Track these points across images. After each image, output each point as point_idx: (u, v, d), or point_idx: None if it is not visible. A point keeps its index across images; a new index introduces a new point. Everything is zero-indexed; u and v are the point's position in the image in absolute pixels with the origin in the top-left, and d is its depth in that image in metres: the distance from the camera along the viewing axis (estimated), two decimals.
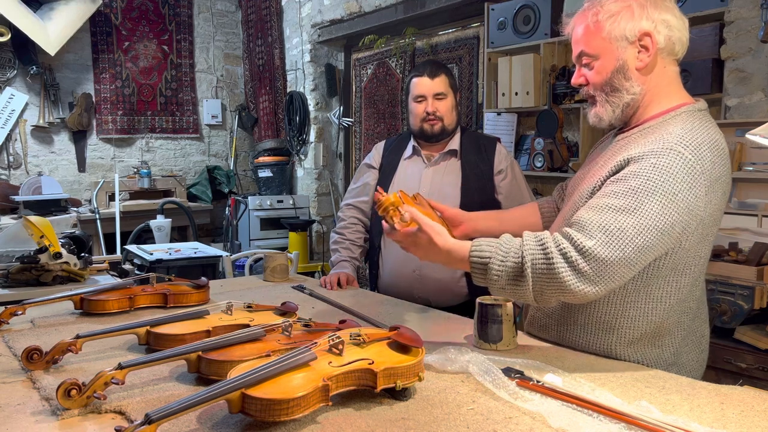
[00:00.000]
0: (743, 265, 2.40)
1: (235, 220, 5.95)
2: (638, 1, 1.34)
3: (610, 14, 1.35)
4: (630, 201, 1.24)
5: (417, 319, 1.77)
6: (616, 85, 1.37)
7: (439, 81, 2.22)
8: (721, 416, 1.10)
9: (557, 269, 1.23)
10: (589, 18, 1.38)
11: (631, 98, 1.38)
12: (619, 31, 1.34)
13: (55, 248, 2.27)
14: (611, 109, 1.39)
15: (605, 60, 1.37)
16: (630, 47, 1.35)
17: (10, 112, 5.75)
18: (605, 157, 1.43)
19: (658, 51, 1.35)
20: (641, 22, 1.33)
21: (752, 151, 2.93)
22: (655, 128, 1.35)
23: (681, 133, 1.29)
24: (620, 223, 1.23)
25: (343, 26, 5.53)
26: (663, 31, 1.34)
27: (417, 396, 1.18)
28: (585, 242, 1.22)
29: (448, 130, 2.26)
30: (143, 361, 1.16)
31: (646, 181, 1.24)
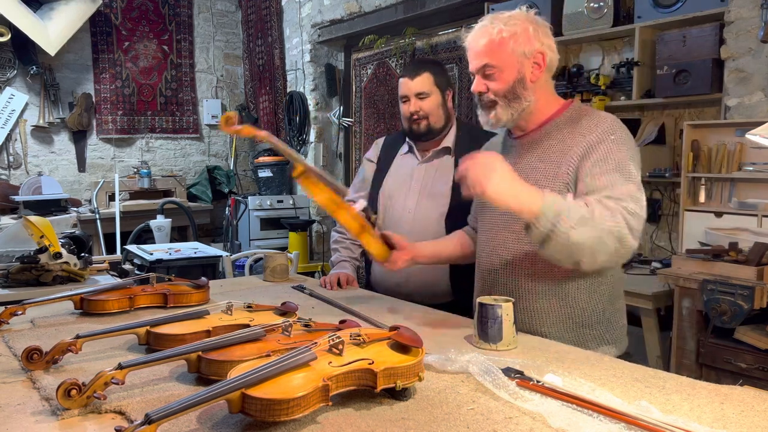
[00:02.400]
0: (743, 265, 2.40)
1: (235, 220, 5.95)
2: (533, 27, 1.60)
3: (513, 33, 1.58)
4: (622, 172, 1.51)
5: (417, 319, 1.77)
6: (518, 93, 1.61)
7: (420, 80, 2.21)
8: (721, 416, 1.10)
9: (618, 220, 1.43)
10: (494, 34, 1.59)
11: (528, 104, 1.63)
12: (521, 48, 1.58)
13: (55, 248, 2.27)
14: (511, 112, 1.62)
15: (508, 72, 1.59)
16: (527, 62, 1.59)
17: (10, 112, 5.76)
18: (537, 151, 1.64)
19: (546, 70, 1.63)
20: (536, 43, 1.59)
21: (752, 151, 2.93)
22: (574, 118, 1.62)
23: (606, 115, 1.62)
24: (630, 188, 1.49)
25: (343, 26, 5.53)
26: (549, 53, 1.62)
27: (417, 396, 1.18)
28: (627, 205, 1.45)
29: (435, 128, 2.24)
30: (143, 361, 1.15)
31: (619, 153, 1.53)
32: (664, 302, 2.91)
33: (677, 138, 3.45)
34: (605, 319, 1.66)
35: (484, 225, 1.77)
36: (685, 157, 3.11)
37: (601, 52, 3.79)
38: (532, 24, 1.60)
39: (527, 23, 1.60)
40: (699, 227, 2.99)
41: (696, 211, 3.10)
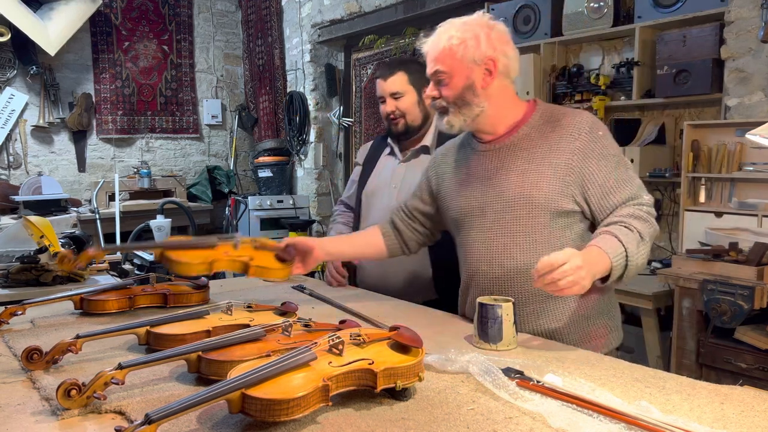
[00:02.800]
0: (743, 265, 2.40)
1: (235, 220, 5.95)
2: (485, 33, 1.59)
3: (462, 40, 1.58)
4: (622, 166, 1.59)
5: (417, 319, 1.77)
6: (467, 100, 1.61)
7: (393, 80, 2.22)
8: (721, 416, 1.10)
9: (652, 222, 1.54)
10: (445, 40, 1.60)
11: (480, 110, 1.62)
12: (470, 55, 1.58)
13: (55, 248, 2.27)
14: (462, 118, 1.63)
15: (457, 78, 1.60)
16: (477, 69, 1.59)
17: (10, 112, 5.76)
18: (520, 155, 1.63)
19: (500, 75, 1.61)
20: (488, 50, 1.58)
21: (752, 151, 2.93)
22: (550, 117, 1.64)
23: (581, 112, 1.65)
24: (635, 178, 1.59)
25: (343, 26, 5.53)
26: (502, 59, 1.60)
27: (417, 396, 1.18)
28: (646, 199, 1.56)
29: (413, 126, 2.25)
30: (143, 361, 1.16)
31: (612, 147, 1.59)
32: (664, 302, 2.91)
33: (677, 138, 3.45)
34: (606, 306, 1.68)
35: (474, 234, 1.69)
36: (685, 157, 3.11)
37: (601, 52, 3.79)
38: (486, 30, 1.60)
39: (480, 29, 1.59)
40: (699, 227, 2.99)
41: (696, 211, 3.10)
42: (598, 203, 1.58)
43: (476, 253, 1.69)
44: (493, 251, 1.65)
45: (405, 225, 1.91)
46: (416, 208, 1.90)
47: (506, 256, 1.63)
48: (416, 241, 1.93)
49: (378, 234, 1.93)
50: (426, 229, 1.91)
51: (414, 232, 1.91)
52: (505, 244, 1.63)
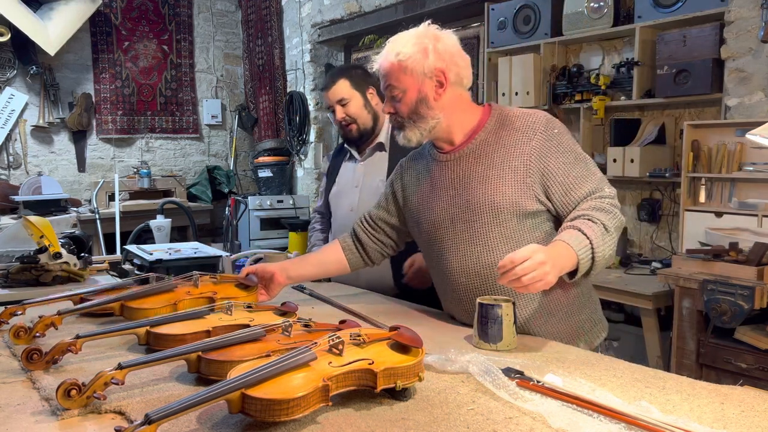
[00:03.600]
0: (743, 265, 2.40)
1: (235, 220, 5.95)
2: (432, 45, 1.59)
3: (409, 55, 1.58)
4: (581, 162, 1.59)
5: (417, 319, 1.77)
6: (422, 113, 1.61)
7: (336, 89, 2.29)
8: (721, 416, 1.10)
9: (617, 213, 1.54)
10: (393, 57, 1.60)
11: (436, 122, 1.62)
12: (419, 68, 1.58)
13: (55, 248, 2.27)
14: (419, 132, 1.63)
15: (410, 93, 1.60)
16: (428, 82, 1.59)
17: (10, 112, 5.76)
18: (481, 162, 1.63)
19: (452, 86, 1.61)
20: (435, 62, 1.58)
21: (752, 151, 2.93)
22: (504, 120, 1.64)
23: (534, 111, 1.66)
24: (595, 172, 1.60)
25: (343, 26, 5.53)
26: (453, 69, 1.60)
27: (417, 396, 1.18)
28: (610, 192, 1.57)
29: (366, 128, 2.31)
30: (143, 361, 1.16)
31: (567, 144, 1.59)
32: (664, 302, 2.91)
33: (677, 138, 3.45)
34: (587, 300, 1.69)
35: (448, 246, 1.67)
36: (685, 157, 3.11)
37: (602, 52, 3.80)
38: (433, 42, 1.60)
39: (428, 41, 1.59)
40: (699, 227, 2.99)
41: (696, 211, 3.10)
42: (561, 200, 1.58)
43: (453, 267, 1.66)
44: (469, 262, 1.63)
45: (368, 236, 1.90)
46: (381, 218, 1.88)
47: (481, 265, 1.61)
48: (379, 252, 1.91)
49: (338, 250, 1.92)
50: (390, 239, 1.90)
51: (377, 243, 1.90)
52: (479, 252, 1.61)
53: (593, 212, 1.51)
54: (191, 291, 1.69)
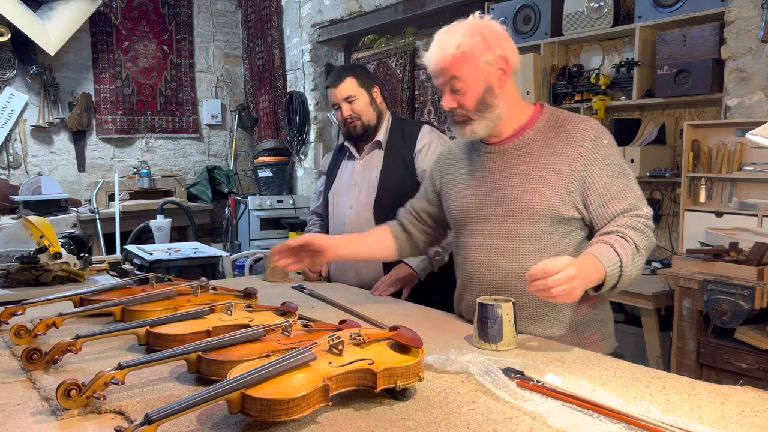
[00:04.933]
0: (743, 265, 2.40)
1: (235, 220, 5.95)
2: (490, 32, 1.58)
3: (471, 45, 1.56)
4: (624, 175, 1.58)
5: (417, 319, 1.77)
6: (488, 102, 1.59)
7: (344, 86, 2.34)
8: (721, 416, 1.10)
9: (650, 234, 1.54)
10: (453, 48, 1.56)
11: (501, 112, 1.61)
12: (482, 57, 1.56)
13: (55, 248, 2.27)
14: (486, 123, 1.61)
15: (475, 83, 1.57)
16: (492, 71, 1.58)
17: (10, 112, 5.75)
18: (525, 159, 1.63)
19: (511, 75, 1.61)
20: (496, 49, 1.57)
21: (752, 151, 2.93)
22: (556, 122, 1.64)
23: (587, 119, 1.65)
24: (635, 189, 1.59)
25: (343, 26, 5.53)
26: (511, 56, 1.60)
27: (417, 396, 1.18)
28: (646, 212, 1.56)
29: (370, 125, 2.37)
30: (143, 361, 1.15)
31: (614, 156, 1.59)
32: (664, 302, 2.91)
33: (677, 138, 3.45)
34: (600, 314, 1.68)
35: (475, 236, 1.68)
36: (685, 157, 3.11)
37: (602, 52, 3.79)
38: (489, 29, 1.59)
39: (483, 30, 1.58)
40: (699, 227, 2.99)
41: (696, 211, 3.10)
42: (597, 211, 1.57)
43: (475, 255, 1.68)
44: (493, 254, 1.64)
45: (414, 227, 1.92)
46: (423, 209, 1.90)
47: (505, 260, 1.62)
48: (425, 242, 1.94)
49: (389, 236, 1.92)
50: (433, 229, 1.92)
51: (423, 234, 1.92)
52: (505, 247, 1.62)
53: (627, 230, 1.50)
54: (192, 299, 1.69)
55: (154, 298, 1.66)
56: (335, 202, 2.45)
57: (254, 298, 1.76)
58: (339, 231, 2.37)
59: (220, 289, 1.81)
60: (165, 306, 1.62)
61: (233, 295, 1.77)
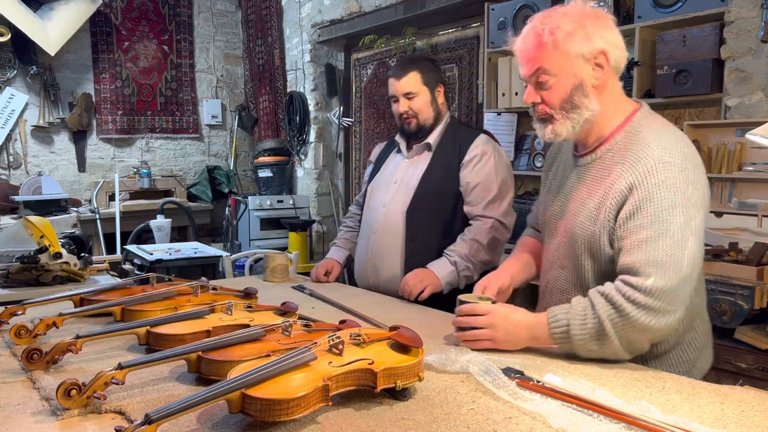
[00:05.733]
0: (743, 265, 2.40)
1: (235, 220, 5.95)
2: (591, 21, 1.37)
3: (567, 33, 1.36)
4: (658, 227, 1.29)
5: (417, 319, 1.77)
6: (576, 102, 1.40)
7: (407, 80, 2.21)
8: (721, 416, 1.10)
9: (632, 316, 1.28)
10: (545, 36, 1.38)
11: (591, 114, 1.41)
12: (577, 49, 1.37)
13: (55, 248, 2.27)
14: (571, 125, 1.42)
15: (564, 78, 1.39)
16: (586, 65, 1.38)
17: (10, 112, 5.75)
18: (587, 182, 1.46)
19: (610, 71, 1.40)
20: (596, 41, 1.37)
21: (752, 151, 2.93)
22: (627, 144, 1.40)
23: (659, 143, 1.36)
24: (663, 249, 1.28)
25: (343, 26, 5.53)
26: (613, 51, 1.39)
27: (417, 396, 1.18)
28: (645, 282, 1.27)
29: (425, 125, 2.26)
30: (143, 361, 1.16)
31: (660, 201, 1.30)
32: None
33: None
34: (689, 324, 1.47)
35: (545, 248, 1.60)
36: None
37: None
38: (590, 18, 1.37)
39: (584, 18, 1.37)
40: None
41: None
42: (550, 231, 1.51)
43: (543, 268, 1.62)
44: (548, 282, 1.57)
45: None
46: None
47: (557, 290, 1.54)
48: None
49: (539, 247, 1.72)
50: None
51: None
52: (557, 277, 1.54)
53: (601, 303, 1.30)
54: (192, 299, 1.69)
55: (154, 298, 1.66)
56: (371, 197, 2.36)
57: (254, 298, 1.76)
58: (368, 229, 2.30)
59: (220, 289, 1.81)
60: (165, 306, 1.62)
61: (233, 295, 1.76)
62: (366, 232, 2.32)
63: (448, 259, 2.10)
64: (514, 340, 1.39)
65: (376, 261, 2.26)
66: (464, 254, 2.10)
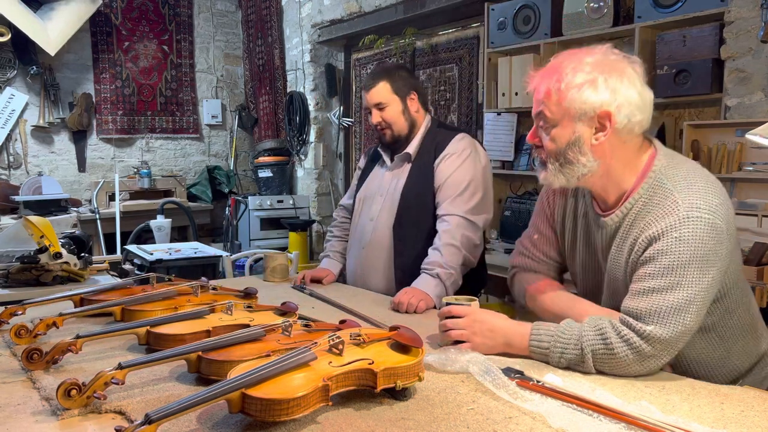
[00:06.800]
0: (743, 265, 2.40)
1: (235, 220, 5.95)
2: (606, 75, 1.30)
3: (574, 86, 1.31)
4: (669, 279, 1.26)
5: (417, 319, 1.77)
6: (570, 157, 1.35)
7: (376, 91, 2.18)
8: (721, 416, 1.10)
9: (619, 355, 1.27)
10: (553, 82, 1.33)
11: (587, 171, 1.35)
12: (580, 104, 1.31)
13: (55, 248, 2.27)
14: (564, 177, 1.37)
15: (562, 129, 1.34)
16: (588, 122, 1.32)
17: (10, 112, 5.75)
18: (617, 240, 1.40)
19: (617, 131, 1.32)
20: (604, 98, 1.30)
21: (752, 151, 2.93)
22: (651, 196, 1.34)
23: (686, 198, 1.29)
24: (669, 302, 1.26)
25: (343, 26, 5.53)
26: (624, 110, 1.30)
27: (417, 396, 1.18)
28: (645, 328, 1.26)
29: (400, 135, 2.21)
30: (143, 361, 1.16)
31: (677, 256, 1.26)
32: None
33: (677, 138, 3.45)
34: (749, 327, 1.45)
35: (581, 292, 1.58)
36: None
37: None
38: (609, 70, 1.30)
39: (603, 69, 1.30)
40: None
41: None
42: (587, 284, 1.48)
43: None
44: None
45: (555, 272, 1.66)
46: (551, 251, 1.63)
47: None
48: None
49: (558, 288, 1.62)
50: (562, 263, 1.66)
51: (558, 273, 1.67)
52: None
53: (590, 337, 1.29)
54: (192, 299, 1.69)
55: (154, 298, 1.66)
56: (359, 210, 2.34)
57: (254, 298, 1.76)
58: (359, 243, 2.29)
59: (220, 289, 1.81)
60: (165, 306, 1.62)
61: (233, 295, 1.77)
62: (356, 248, 2.32)
63: (429, 274, 2.02)
64: (490, 344, 1.40)
65: (366, 276, 2.26)
66: (442, 263, 2.02)
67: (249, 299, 1.74)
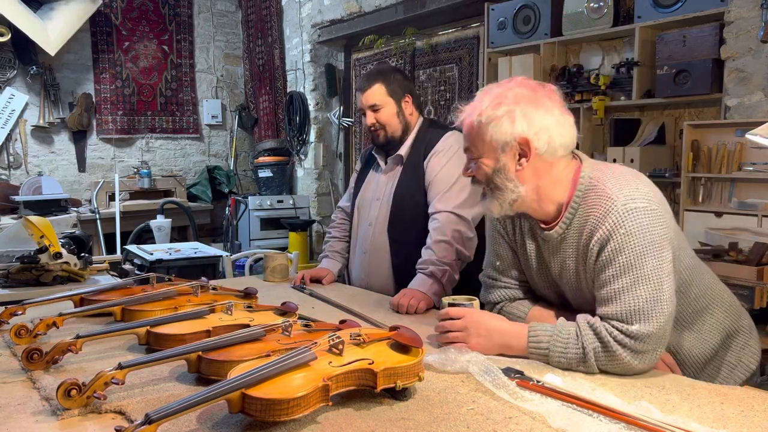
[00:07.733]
0: (743, 265, 2.40)
1: (235, 220, 5.95)
2: (522, 107, 1.37)
3: (492, 118, 1.37)
4: (632, 275, 1.31)
5: (417, 319, 1.77)
6: (498, 184, 1.41)
7: (370, 93, 2.19)
8: (721, 416, 1.10)
9: (618, 355, 1.29)
10: (474, 117, 1.40)
11: (516, 195, 1.41)
12: (499, 136, 1.37)
13: (55, 248, 2.27)
14: (499, 204, 1.43)
15: (487, 160, 1.41)
16: (510, 151, 1.38)
17: (10, 112, 5.75)
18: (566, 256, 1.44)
19: (539, 156, 1.38)
20: (521, 128, 1.36)
21: (752, 151, 2.93)
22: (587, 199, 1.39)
23: (621, 191, 1.34)
24: (642, 297, 1.29)
25: (343, 26, 5.53)
26: (543, 136, 1.37)
27: (417, 396, 1.18)
28: (629, 328, 1.29)
29: (394, 137, 2.22)
30: (143, 361, 1.16)
31: (630, 250, 1.31)
32: None
33: (677, 138, 3.45)
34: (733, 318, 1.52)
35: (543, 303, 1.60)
36: (685, 157, 3.11)
37: (601, 52, 3.79)
38: (526, 101, 1.37)
39: (521, 100, 1.37)
40: (699, 227, 2.99)
41: (696, 211, 3.10)
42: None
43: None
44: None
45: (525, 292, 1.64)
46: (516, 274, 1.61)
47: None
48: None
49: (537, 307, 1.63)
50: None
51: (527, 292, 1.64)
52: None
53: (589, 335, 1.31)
54: (192, 299, 1.69)
55: (154, 298, 1.66)
56: (358, 215, 2.34)
57: (254, 298, 1.76)
58: (361, 248, 2.30)
59: (220, 289, 1.81)
60: (165, 306, 1.62)
61: (233, 295, 1.77)
62: (359, 253, 2.32)
63: (423, 273, 2.01)
64: (486, 345, 1.40)
65: (370, 281, 2.27)
66: (434, 260, 2.01)
67: (249, 299, 1.74)
